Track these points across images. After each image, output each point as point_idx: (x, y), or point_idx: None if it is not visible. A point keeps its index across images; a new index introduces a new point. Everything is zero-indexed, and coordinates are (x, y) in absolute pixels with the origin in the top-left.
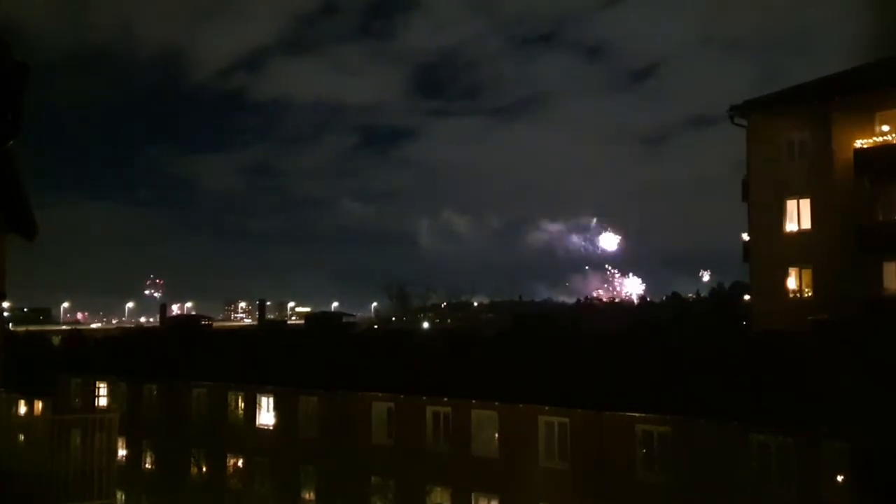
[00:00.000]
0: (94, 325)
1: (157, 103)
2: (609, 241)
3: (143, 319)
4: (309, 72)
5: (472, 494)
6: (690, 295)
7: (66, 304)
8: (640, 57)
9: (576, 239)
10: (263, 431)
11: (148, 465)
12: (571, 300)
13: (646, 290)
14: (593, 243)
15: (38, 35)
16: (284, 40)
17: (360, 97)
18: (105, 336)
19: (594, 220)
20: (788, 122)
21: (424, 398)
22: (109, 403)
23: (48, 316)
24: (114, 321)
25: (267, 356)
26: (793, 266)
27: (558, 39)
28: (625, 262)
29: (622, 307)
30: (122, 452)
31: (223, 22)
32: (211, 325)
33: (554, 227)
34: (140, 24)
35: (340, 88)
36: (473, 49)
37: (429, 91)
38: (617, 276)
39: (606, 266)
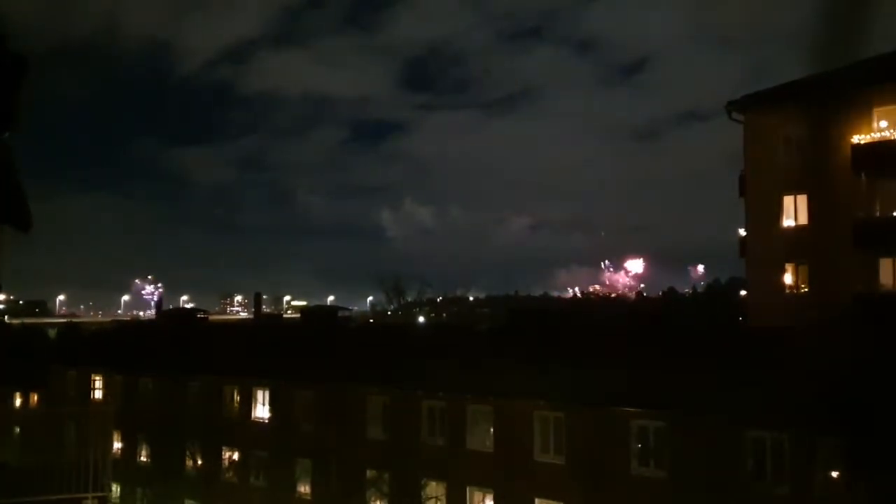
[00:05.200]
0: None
1: (144, 96)
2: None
3: (140, 313)
4: (296, 65)
5: (468, 488)
6: (687, 290)
7: (61, 297)
8: (630, 51)
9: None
10: (259, 425)
11: (143, 458)
12: (567, 295)
13: (642, 285)
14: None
15: (23, 28)
16: (271, 33)
17: (349, 91)
18: (100, 329)
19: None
20: (786, 117)
21: (420, 392)
22: (105, 396)
23: (43, 309)
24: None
25: (263, 350)
26: (789, 262)
27: (547, 33)
28: (618, 257)
29: (618, 302)
30: (117, 445)
31: (209, 14)
32: (207, 318)
33: (546, 222)
34: (126, 16)
35: (328, 82)
36: (461, 43)
37: (417, 85)
38: (612, 271)
39: (602, 262)
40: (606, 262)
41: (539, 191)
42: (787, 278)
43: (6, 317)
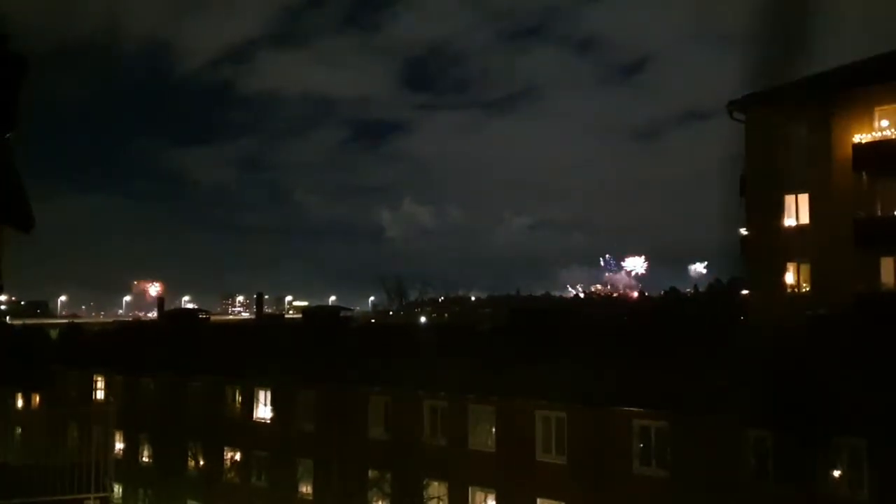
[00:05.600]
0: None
1: (145, 96)
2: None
3: (141, 314)
4: (296, 65)
5: (469, 488)
6: (688, 290)
7: (62, 298)
8: (630, 51)
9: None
10: (261, 425)
11: (145, 459)
12: (569, 295)
13: (643, 285)
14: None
15: (24, 28)
16: (271, 33)
17: (349, 91)
18: (102, 329)
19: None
20: (787, 116)
21: (421, 392)
22: (106, 397)
23: (45, 309)
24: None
25: (264, 350)
26: (791, 261)
27: (547, 33)
28: (619, 257)
29: (620, 302)
30: (119, 446)
31: (209, 14)
32: (208, 318)
33: (546, 222)
34: (126, 16)
35: (328, 82)
36: (461, 42)
37: (417, 85)
38: (612, 265)
39: (602, 259)
40: (607, 255)
41: (539, 191)
42: (789, 278)
43: (8, 318)
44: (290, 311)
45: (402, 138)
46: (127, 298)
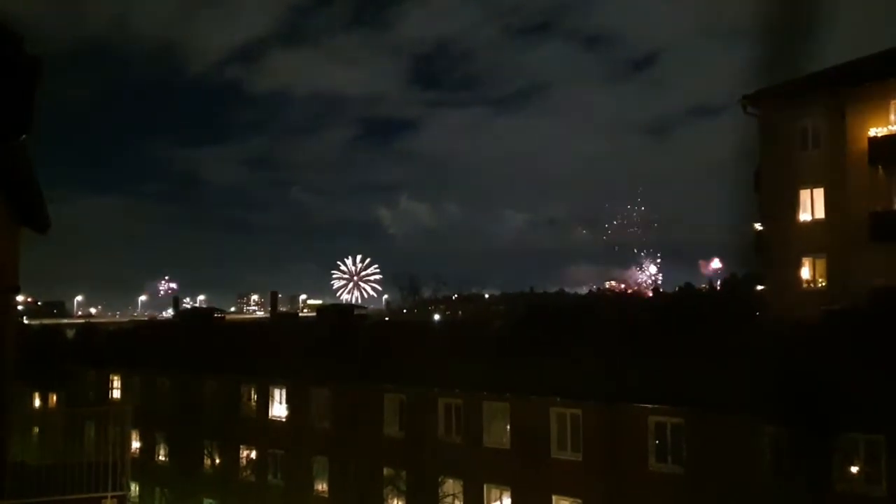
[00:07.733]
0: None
1: (156, 97)
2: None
3: (157, 314)
4: (306, 63)
5: (484, 486)
6: (703, 285)
7: (79, 298)
8: (639, 46)
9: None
10: (276, 423)
11: (161, 458)
12: (583, 291)
13: (658, 281)
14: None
15: (34, 29)
16: (280, 32)
17: (359, 89)
18: (118, 329)
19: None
20: (802, 110)
21: (436, 390)
22: (123, 396)
23: (62, 310)
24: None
25: (279, 348)
26: (806, 256)
27: (555, 28)
28: (632, 253)
29: (635, 298)
30: (135, 445)
31: (218, 14)
32: (224, 317)
33: (558, 219)
34: (135, 16)
35: (338, 80)
36: (469, 39)
37: (427, 82)
38: (629, 266)
39: (616, 247)
40: (616, 248)
41: (550, 187)
42: (804, 272)
43: (25, 318)
44: (305, 310)
45: (413, 136)
46: (142, 298)
